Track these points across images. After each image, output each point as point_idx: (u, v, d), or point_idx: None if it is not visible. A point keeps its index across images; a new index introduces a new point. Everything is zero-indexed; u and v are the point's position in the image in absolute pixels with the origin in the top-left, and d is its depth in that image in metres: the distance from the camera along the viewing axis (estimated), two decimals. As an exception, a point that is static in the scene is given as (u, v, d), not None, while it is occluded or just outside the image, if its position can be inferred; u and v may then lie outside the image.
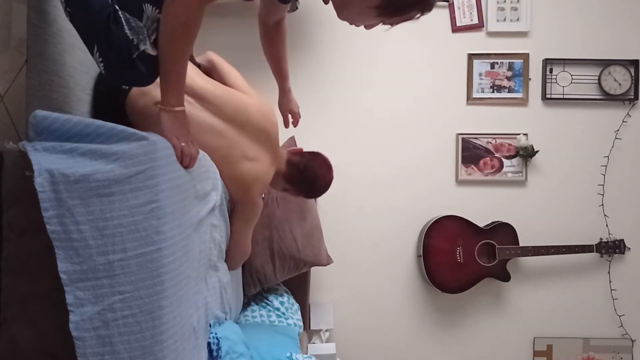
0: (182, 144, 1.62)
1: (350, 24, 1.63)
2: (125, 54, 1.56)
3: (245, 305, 2.79)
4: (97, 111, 2.03)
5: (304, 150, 2.55)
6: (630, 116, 3.44)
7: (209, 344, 1.85)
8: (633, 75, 3.40)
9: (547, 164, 3.44)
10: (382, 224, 3.44)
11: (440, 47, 3.41)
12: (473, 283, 3.34)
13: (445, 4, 3.35)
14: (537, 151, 3.38)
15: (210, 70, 2.40)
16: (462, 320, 3.48)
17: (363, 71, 3.42)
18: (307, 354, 2.78)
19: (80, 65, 1.91)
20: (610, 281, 3.46)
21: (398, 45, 3.39)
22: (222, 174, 2.13)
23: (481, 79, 3.43)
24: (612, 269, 3.47)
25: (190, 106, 2.03)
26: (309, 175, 2.43)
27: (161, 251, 1.45)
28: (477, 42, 3.41)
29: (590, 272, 3.48)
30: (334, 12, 1.62)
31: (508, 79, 3.42)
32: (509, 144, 3.43)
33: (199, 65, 2.39)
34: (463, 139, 3.42)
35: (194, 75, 2.12)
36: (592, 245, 3.37)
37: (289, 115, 2.44)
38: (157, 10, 1.56)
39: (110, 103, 2.03)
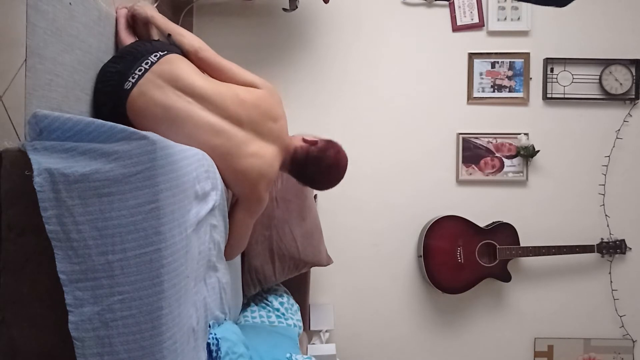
0: None
1: None
2: None
3: (245, 305, 2.78)
4: (97, 111, 2.03)
5: (319, 140, 2.34)
6: (631, 116, 3.43)
7: (208, 344, 1.85)
8: (634, 74, 3.39)
9: (548, 163, 3.44)
10: (383, 224, 3.43)
11: (440, 47, 3.40)
12: (474, 283, 3.33)
13: (446, 3, 3.34)
14: (538, 151, 3.38)
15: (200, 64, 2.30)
16: (462, 321, 3.47)
17: (363, 70, 3.41)
18: (307, 354, 2.77)
19: (79, 65, 1.90)
20: (611, 281, 3.45)
21: (398, 44, 3.38)
22: (225, 172, 2.12)
23: (482, 78, 3.42)
24: (613, 269, 3.46)
25: (189, 104, 2.03)
26: (308, 172, 2.36)
27: (160, 252, 1.45)
28: (478, 42, 3.41)
29: (591, 273, 3.47)
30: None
31: (509, 78, 3.42)
32: (510, 144, 3.42)
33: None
34: (464, 139, 3.42)
35: (192, 74, 2.11)
36: (593, 245, 3.37)
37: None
38: None
39: (109, 103, 2.02)
